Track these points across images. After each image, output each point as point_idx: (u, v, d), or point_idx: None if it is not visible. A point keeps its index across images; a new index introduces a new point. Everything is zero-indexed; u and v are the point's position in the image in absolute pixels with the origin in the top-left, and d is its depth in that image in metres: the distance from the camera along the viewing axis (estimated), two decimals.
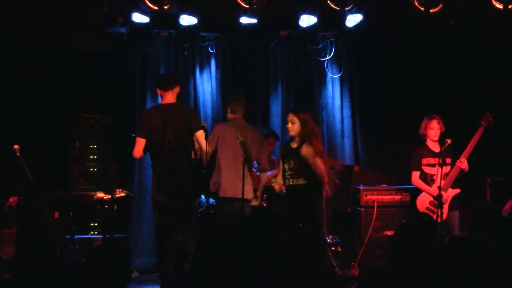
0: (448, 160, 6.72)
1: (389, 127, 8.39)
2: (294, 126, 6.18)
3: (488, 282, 3.34)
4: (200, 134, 6.11)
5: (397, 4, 7.52)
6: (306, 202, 6.20)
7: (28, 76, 7.59)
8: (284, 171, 6.34)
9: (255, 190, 6.54)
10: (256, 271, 3.37)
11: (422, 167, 6.85)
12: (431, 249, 3.54)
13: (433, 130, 6.80)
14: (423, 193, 6.87)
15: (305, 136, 6.16)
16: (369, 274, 3.81)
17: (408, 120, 8.21)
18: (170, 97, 6.25)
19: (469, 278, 3.31)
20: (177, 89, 6.30)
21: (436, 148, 6.82)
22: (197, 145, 6.20)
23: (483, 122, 6.68)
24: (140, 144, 6.13)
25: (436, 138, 6.81)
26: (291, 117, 6.23)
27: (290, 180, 6.27)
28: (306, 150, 6.10)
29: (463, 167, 6.65)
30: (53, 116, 7.64)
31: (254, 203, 6.54)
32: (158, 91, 6.32)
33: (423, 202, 6.84)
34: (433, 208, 6.67)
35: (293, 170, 6.21)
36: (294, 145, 6.25)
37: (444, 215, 6.37)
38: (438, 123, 6.80)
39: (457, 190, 6.74)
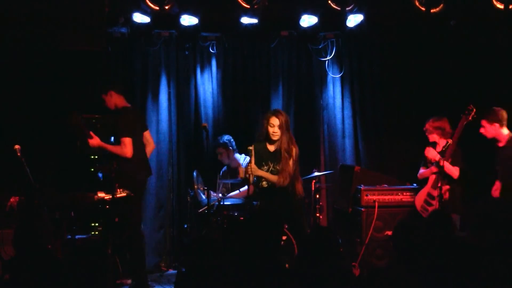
0: (449, 161, 6.75)
1: (390, 127, 8.38)
2: (280, 130, 6.09)
3: (488, 282, 3.33)
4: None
5: (398, 4, 7.52)
6: (289, 204, 6.15)
7: (29, 76, 7.58)
8: None
9: None
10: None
11: (428, 163, 6.94)
12: (448, 247, 3.54)
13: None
14: (420, 192, 6.96)
15: (286, 139, 6.09)
16: (370, 274, 3.81)
17: (409, 120, 8.21)
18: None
19: (469, 278, 3.31)
20: None
21: (437, 148, 6.86)
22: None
23: (463, 116, 6.63)
24: (131, 143, 6.41)
25: (431, 140, 6.88)
26: (275, 120, 6.08)
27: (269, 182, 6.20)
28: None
29: (441, 165, 6.64)
30: (54, 116, 7.64)
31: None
32: (114, 94, 6.58)
33: (419, 199, 7.00)
34: (426, 206, 6.84)
35: (272, 173, 6.14)
36: (272, 148, 6.16)
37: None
38: (427, 123, 6.87)
39: (447, 191, 6.75)
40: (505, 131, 6.60)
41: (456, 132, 6.63)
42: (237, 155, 7.70)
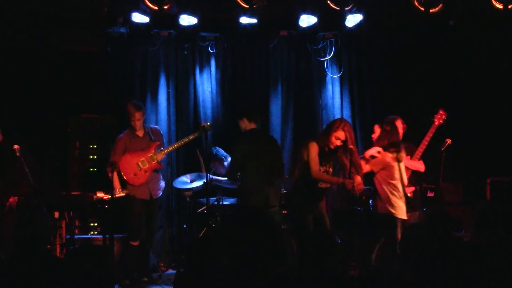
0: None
1: None
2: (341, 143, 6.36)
3: (488, 282, 3.33)
4: None
5: (397, 4, 7.53)
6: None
7: (29, 76, 7.59)
8: None
9: None
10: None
11: None
12: (444, 246, 3.55)
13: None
14: None
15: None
16: (369, 274, 3.81)
17: (408, 120, 8.21)
18: None
19: (470, 278, 3.31)
20: None
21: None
22: None
23: (435, 120, 6.64)
24: None
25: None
26: (342, 135, 6.31)
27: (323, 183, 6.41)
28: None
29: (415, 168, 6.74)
30: (53, 116, 7.64)
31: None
32: None
33: None
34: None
35: (328, 174, 6.40)
36: (326, 149, 6.38)
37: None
38: (402, 123, 6.91)
39: (412, 188, 6.77)
40: (251, 125, 6.64)
41: (427, 135, 6.68)
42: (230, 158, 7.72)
